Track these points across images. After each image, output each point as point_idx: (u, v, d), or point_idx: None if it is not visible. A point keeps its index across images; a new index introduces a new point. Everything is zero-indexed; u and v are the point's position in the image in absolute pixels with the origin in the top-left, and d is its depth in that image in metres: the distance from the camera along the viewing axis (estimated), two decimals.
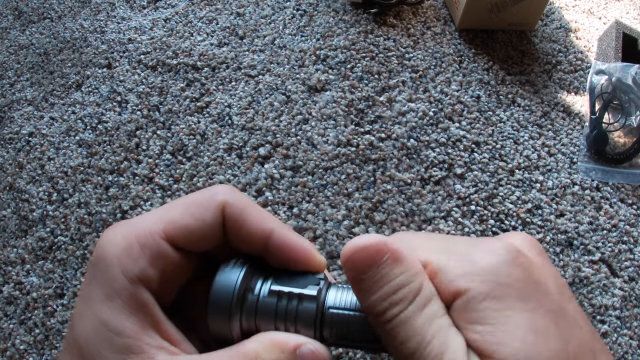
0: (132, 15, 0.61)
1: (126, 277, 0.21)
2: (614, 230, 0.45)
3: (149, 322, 0.21)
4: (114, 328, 0.20)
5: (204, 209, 0.23)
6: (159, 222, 0.23)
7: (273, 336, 0.21)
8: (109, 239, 0.22)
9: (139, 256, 0.22)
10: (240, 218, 0.23)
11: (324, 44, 0.55)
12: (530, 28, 0.57)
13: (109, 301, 0.21)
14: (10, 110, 0.55)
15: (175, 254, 0.23)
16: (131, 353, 0.20)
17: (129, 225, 0.23)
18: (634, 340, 0.40)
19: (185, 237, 0.23)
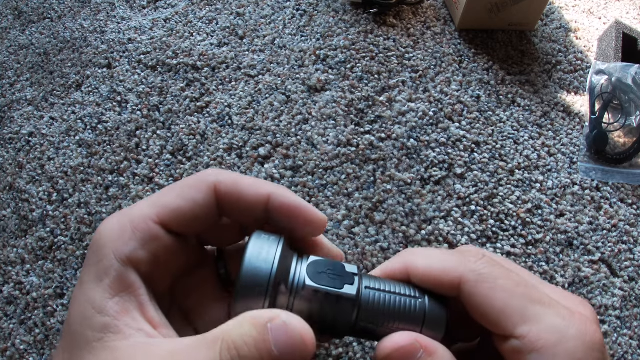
0: (132, 15, 0.61)
1: (116, 257, 0.21)
2: (614, 230, 0.45)
3: (134, 303, 0.21)
4: (97, 306, 0.21)
5: (195, 190, 0.23)
6: (152, 206, 0.23)
7: (249, 313, 0.21)
8: (105, 225, 0.23)
9: (130, 238, 0.22)
10: (235, 190, 0.24)
11: (324, 44, 0.55)
12: (530, 28, 0.57)
13: (98, 281, 0.21)
14: (10, 110, 0.55)
15: (168, 237, 0.23)
16: (109, 332, 0.20)
17: (125, 212, 0.23)
18: (634, 340, 0.40)
19: (177, 219, 0.23)
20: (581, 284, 0.42)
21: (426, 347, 0.22)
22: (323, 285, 0.22)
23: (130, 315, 0.21)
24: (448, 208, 0.45)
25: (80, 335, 0.20)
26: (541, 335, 0.21)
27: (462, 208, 0.45)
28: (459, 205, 0.45)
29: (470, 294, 0.23)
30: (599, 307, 0.41)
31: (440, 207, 0.45)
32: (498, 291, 0.22)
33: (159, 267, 0.23)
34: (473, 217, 0.45)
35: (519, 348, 0.21)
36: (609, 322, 0.41)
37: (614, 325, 0.41)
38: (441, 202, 0.45)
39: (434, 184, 0.46)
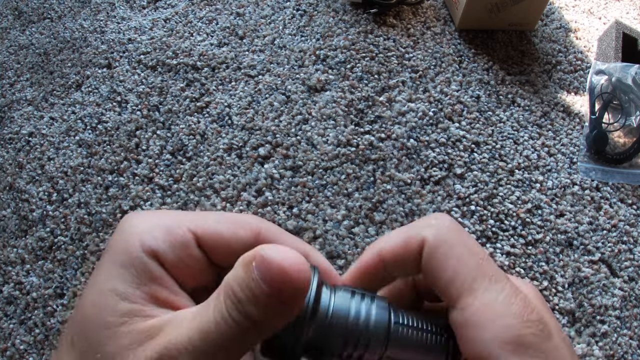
0: (132, 15, 0.61)
1: (143, 249, 0.21)
2: (613, 230, 0.45)
3: (164, 293, 0.21)
4: (122, 293, 0.20)
5: (238, 226, 0.24)
6: (191, 220, 0.23)
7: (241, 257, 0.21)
8: (133, 218, 0.23)
9: (161, 237, 0.22)
10: (279, 241, 0.24)
11: (323, 44, 0.55)
12: (530, 28, 0.57)
13: (123, 269, 0.21)
14: (10, 110, 0.55)
15: (199, 252, 0.23)
16: (134, 316, 0.20)
17: (155, 214, 0.23)
18: (634, 340, 0.40)
19: (213, 240, 0.23)
20: (581, 284, 0.42)
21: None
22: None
23: (159, 302, 0.21)
24: (448, 208, 0.45)
25: (97, 321, 0.20)
26: (481, 308, 0.21)
27: (462, 208, 0.45)
28: (459, 205, 0.45)
29: (427, 257, 0.23)
30: (599, 307, 0.41)
31: (440, 207, 0.45)
32: (452, 258, 0.23)
33: (182, 275, 0.23)
34: (473, 217, 0.45)
35: (460, 318, 0.22)
36: (609, 322, 0.41)
37: (614, 325, 0.41)
38: (441, 202, 0.45)
39: (433, 184, 0.46)
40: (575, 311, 0.41)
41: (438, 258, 0.23)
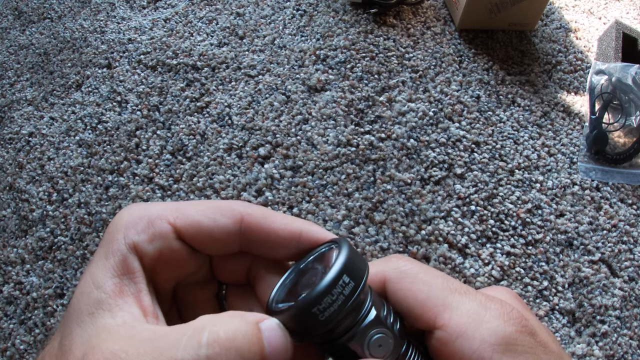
0: (132, 15, 0.61)
1: (125, 241, 0.22)
2: (613, 230, 0.45)
3: (132, 288, 0.22)
4: (96, 282, 0.21)
5: (219, 213, 0.24)
6: (173, 210, 0.24)
7: (235, 312, 0.21)
8: (125, 211, 0.24)
9: (143, 230, 0.23)
10: (264, 224, 0.24)
11: (324, 44, 0.55)
12: (530, 28, 0.57)
13: (104, 259, 0.22)
14: (10, 110, 0.55)
15: (177, 243, 0.23)
16: (100, 308, 0.21)
17: (148, 205, 0.24)
18: (634, 340, 0.40)
19: (192, 231, 0.23)
20: (581, 284, 0.42)
21: None
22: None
23: (125, 298, 0.22)
24: (448, 208, 0.45)
25: (75, 308, 0.21)
26: (461, 320, 0.22)
27: (462, 208, 0.45)
28: (459, 205, 0.45)
29: (394, 291, 0.23)
30: (599, 307, 0.41)
31: (440, 207, 0.45)
32: (419, 284, 0.23)
33: (162, 266, 0.23)
34: (473, 217, 0.45)
35: (443, 338, 0.22)
36: (609, 322, 0.41)
37: (614, 325, 0.41)
38: (441, 202, 0.45)
39: (433, 184, 0.46)
40: (575, 311, 0.41)
41: (405, 288, 0.23)
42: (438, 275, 0.24)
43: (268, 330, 0.20)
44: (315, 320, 0.21)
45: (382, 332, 0.22)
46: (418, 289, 0.23)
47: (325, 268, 0.23)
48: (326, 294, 0.21)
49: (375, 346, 0.22)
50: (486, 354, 0.20)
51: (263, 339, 0.20)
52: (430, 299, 0.23)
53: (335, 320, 0.21)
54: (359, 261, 0.23)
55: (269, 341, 0.20)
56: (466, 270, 0.42)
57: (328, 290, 0.21)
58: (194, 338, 0.19)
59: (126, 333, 0.20)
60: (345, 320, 0.22)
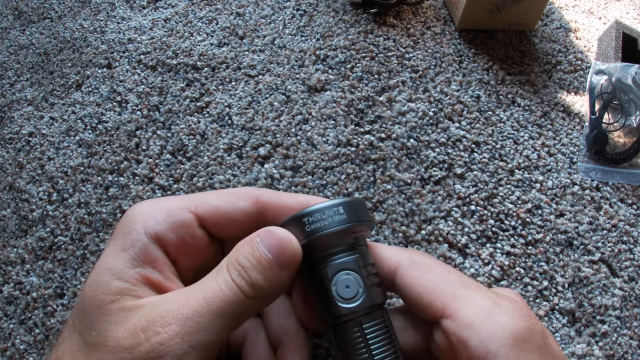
0: (132, 15, 0.61)
1: (145, 232, 0.22)
2: (614, 230, 0.45)
3: (157, 276, 0.22)
4: (117, 272, 0.21)
5: (236, 197, 0.25)
6: (191, 200, 0.24)
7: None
8: (138, 206, 0.24)
9: (164, 220, 0.23)
10: (277, 201, 0.26)
11: (324, 44, 0.55)
12: (530, 28, 0.57)
13: (123, 251, 0.22)
14: (10, 110, 0.55)
15: (199, 230, 0.24)
16: (125, 295, 0.21)
17: (161, 199, 0.25)
18: (634, 340, 0.40)
19: (214, 217, 0.24)
20: (581, 284, 0.42)
21: None
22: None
23: (152, 285, 0.22)
24: (448, 208, 0.45)
25: (92, 299, 0.21)
26: (471, 312, 0.22)
27: (462, 208, 0.45)
28: (459, 205, 0.45)
29: (404, 277, 0.24)
30: (599, 307, 0.41)
31: (440, 207, 0.45)
32: (430, 274, 0.24)
33: (184, 255, 0.24)
34: (473, 217, 0.45)
35: (451, 327, 0.22)
36: (609, 322, 0.41)
37: (614, 325, 0.41)
38: (441, 202, 0.45)
39: (433, 184, 0.46)
40: (575, 311, 0.41)
41: (416, 276, 0.24)
42: (451, 270, 0.24)
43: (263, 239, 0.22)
44: (301, 229, 0.23)
45: (354, 277, 0.23)
46: (428, 278, 0.24)
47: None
48: (318, 211, 0.23)
49: (342, 285, 0.23)
50: (493, 346, 0.20)
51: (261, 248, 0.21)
52: (441, 288, 0.23)
53: (317, 237, 0.23)
54: (361, 211, 0.25)
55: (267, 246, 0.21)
56: (466, 270, 0.42)
57: (321, 208, 0.23)
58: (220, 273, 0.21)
59: (161, 300, 0.20)
60: (326, 244, 0.24)
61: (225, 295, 0.20)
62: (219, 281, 0.20)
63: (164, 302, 0.20)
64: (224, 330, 0.20)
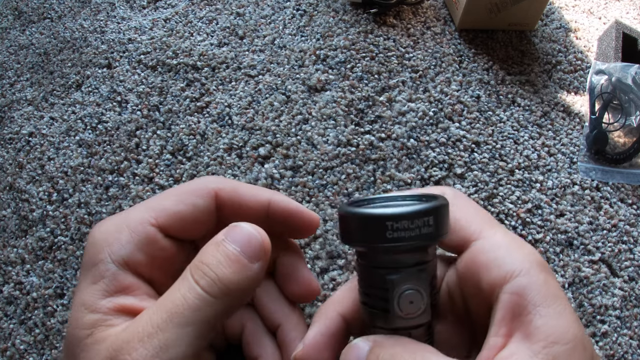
0: (132, 15, 0.61)
1: (113, 261, 0.22)
2: (614, 230, 0.45)
3: (131, 301, 0.22)
4: (90, 305, 0.21)
5: (194, 196, 0.24)
6: (149, 210, 0.23)
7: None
8: (99, 228, 0.23)
9: (128, 241, 0.22)
10: (236, 197, 0.24)
11: (324, 44, 0.55)
12: (530, 28, 0.57)
13: (93, 284, 0.21)
14: (10, 110, 0.55)
15: (165, 241, 0.23)
16: (100, 326, 0.20)
17: (121, 215, 0.23)
18: (634, 340, 0.40)
19: (176, 223, 0.23)
20: (581, 284, 0.42)
21: None
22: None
23: (126, 311, 0.21)
24: None
25: (72, 336, 0.21)
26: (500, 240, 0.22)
27: None
28: None
29: None
30: (599, 307, 0.41)
31: None
32: (459, 212, 0.24)
33: (157, 270, 0.23)
34: None
35: (483, 247, 0.22)
36: (609, 322, 0.41)
37: (614, 325, 0.41)
38: None
39: (434, 184, 0.46)
40: (575, 311, 0.41)
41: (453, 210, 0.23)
42: (480, 211, 0.25)
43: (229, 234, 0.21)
44: (381, 233, 0.20)
45: (421, 294, 0.21)
46: (460, 215, 0.24)
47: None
48: (407, 217, 0.20)
49: (406, 299, 0.21)
50: (525, 265, 0.20)
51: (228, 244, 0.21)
52: (471, 224, 0.23)
53: (396, 246, 0.20)
54: (447, 219, 0.22)
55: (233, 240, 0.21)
56: None
57: (410, 215, 0.20)
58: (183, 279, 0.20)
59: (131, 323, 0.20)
60: (401, 254, 0.21)
61: (190, 302, 0.19)
62: (182, 289, 0.20)
63: (130, 326, 0.20)
64: (196, 339, 0.19)
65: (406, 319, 0.21)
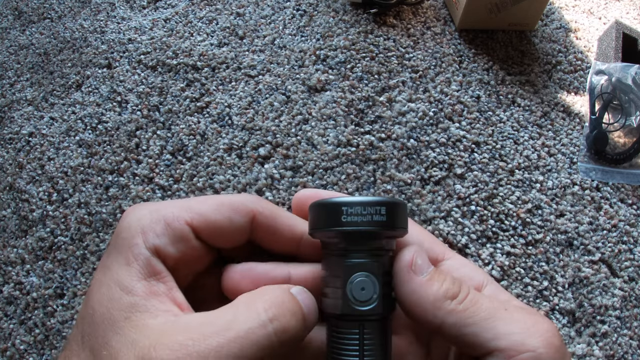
0: (132, 15, 0.61)
1: (147, 247, 0.22)
2: (614, 230, 0.45)
3: (162, 287, 0.22)
4: (126, 287, 0.21)
5: (232, 211, 0.25)
6: (187, 210, 0.24)
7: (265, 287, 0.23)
8: (134, 214, 0.23)
9: (162, 233, 0.23)
10: (272, 224, 0.25)
11: (324, 44, 0.55)
12: (530, 28, 0.57)
13: (127, 265, 0.22)
14: (10, 110, 0.55)
15: (196, 241, 0.24)
16: (137, 311, 0.21)
17: (157, 206, 0.24)
18: (634, 340, 0.40)
19: (209, 230, 0.24)
20: (581, 284, 0.42)
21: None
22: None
23: (159, 297, 0.22)
24: (448, 208, 0.45)
25: (104, 315, 0.21)
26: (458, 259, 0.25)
27: (462, 208, 0.45)
28: (459, 205, 0.45)
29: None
30: (599, 307, 0.41)
31: (440, 207, 0.45)
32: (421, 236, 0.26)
33: (183, 265, 0.24)
34: (473, 217, 0.45)
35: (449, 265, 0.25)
36: (609, 322, 0.41)
37: (614, 325, 0.41)
38: (441, 202, 0.45)
39: (434, 184, 0.46)
40: (575, 311, 0.41)
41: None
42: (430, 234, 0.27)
43: (299, 294, 0.22)
44: (337, 217, 0.22)
45: (372, 281, 0.23)
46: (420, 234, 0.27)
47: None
48: (360, 204, 0.22)
49: (358, 285, 0.22)
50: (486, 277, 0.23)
51: (300, 301, 0.22)
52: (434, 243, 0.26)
53: (351, 231, 0.22)
54: (402, 216, 0.24)
55: (304, 302, 0.22)
56: None
57: (364, 203, 0.22)
58: (251, 309, 0.20)
59: (179, 325, 0.20)
60: (356, 240, 0.23)
61: (254, 339, 0.19)
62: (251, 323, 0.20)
63: (176, 330, 0.20)
64: None
65: (357, 305, 0.22)
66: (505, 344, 0.20)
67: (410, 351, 0.26)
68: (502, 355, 0.20)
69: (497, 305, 0.22)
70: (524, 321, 0.21)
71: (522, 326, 0.21)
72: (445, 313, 0.21)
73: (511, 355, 0.20)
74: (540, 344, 0.20)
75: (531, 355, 0.20)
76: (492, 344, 0.21)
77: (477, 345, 0.21)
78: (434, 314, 0.22)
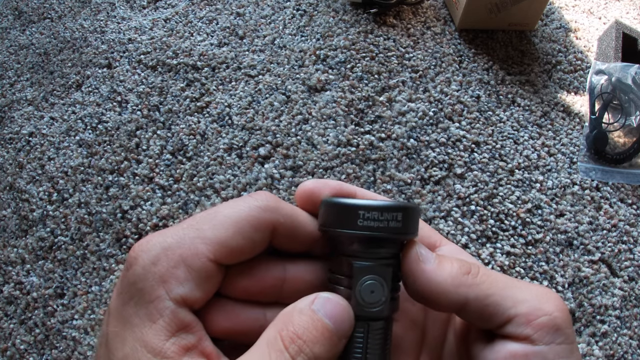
0: (132, 15, 0.61)
1: (171, 298, 0.21)
2: (613, 230, 0.45)
3: (191, 341, 0.21)
4: (154, 349, 0.20)
5: (253, 229, 0.23)
6: (206, 242, 0.22)
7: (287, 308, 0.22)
8: (147, 255, 0.21)
9: (186, 278, 0.21)
10: (291, 234, 0.24)
11: (324, 44, 0.55)
12: (530, 28, 0.57)
13: (151, 322, 0.20)
14: (10, 110, 0.55)
15: (221, 272, 0.23)
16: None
17: (168, 241, 0.22)
18: (634, 340, 0.40)
19: (232, 256, 0.22)
20: (581, 284, 0.42)
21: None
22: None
23: (189, 354, 0.20)
24: (448, 208, 0.45)
25: None
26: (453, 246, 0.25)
27: (462, 208, 0.45)
28: (459, 205, 0.45)
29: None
30: (599, 307, 0.41)
31: (440, 207, 0.45)
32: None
33: (208, 298, 0.23)
34: (473, 217, 0.45)
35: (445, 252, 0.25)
36: (609, 322, 0.41)
37: (614, 325, 0.41)
38: (441, 202, 0.45)
39: (434, 184, 0.46)
40: (575, 311, 0.41)
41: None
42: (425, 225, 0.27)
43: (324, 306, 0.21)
44: (353, 219, 0.22)
45: (382, 286, 0.22)
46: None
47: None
48: (377, 209, 0.22)
49: (368, 288, 0.22)
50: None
51: (323, 316, 0.21)
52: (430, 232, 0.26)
53: (365, 235, 0.22)
54: (416, 222, 0.24)
55: (331, 314, 0.21)
56: None
57: (380, 208, 0.22)
58: (275, 348, 0.20)
59: None
60: (370, 244, 0.23)
61: None
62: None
63: None
64: None
65: (366, 307, 0.22)
66: (524, 309, 0.21)
67: (406, 337, 0.26)
68: (522, 320, 0.21)
69: (507, 277, 0.22)
70: (535, 289, 0.22)
71: (535, 293, 0.22)
72: (467, 288, 0.21)
73: (530, 320, 0.21)
74: (555, 309, 0.21)
75: (548, 319, 0.21)
76: (512, 311, 0.21)
77: (499, 314, 0.21)
78: (456, 292, 0.21)
